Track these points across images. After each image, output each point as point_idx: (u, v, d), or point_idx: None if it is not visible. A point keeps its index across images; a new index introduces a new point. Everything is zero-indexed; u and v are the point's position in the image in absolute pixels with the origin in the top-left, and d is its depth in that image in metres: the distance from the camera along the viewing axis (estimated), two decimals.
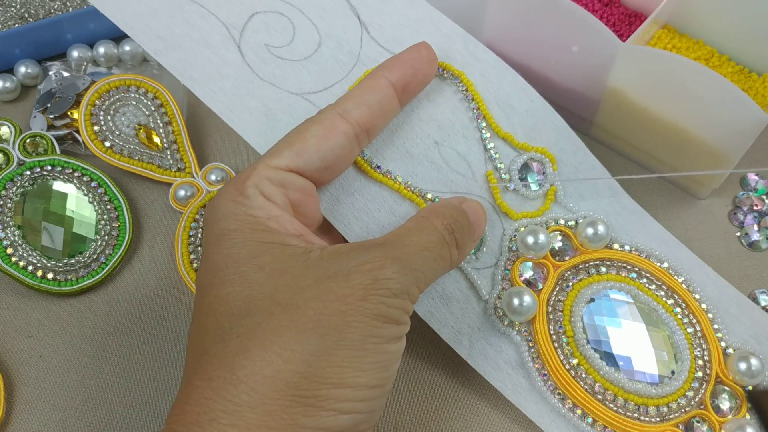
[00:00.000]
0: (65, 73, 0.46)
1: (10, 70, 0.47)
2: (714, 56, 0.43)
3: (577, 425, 0.33)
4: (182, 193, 0.42)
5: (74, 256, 0.39)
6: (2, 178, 0.40)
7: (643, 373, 0.33)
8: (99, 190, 0.41)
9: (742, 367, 0.34)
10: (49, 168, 0.41)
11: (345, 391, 0.25)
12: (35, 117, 0.44)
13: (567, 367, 0.33)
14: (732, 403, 0.33)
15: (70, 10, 0.49)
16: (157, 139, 0.43)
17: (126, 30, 0.35)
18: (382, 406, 0.27)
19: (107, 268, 0.39)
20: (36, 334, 0.38)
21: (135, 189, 0.43)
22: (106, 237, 0.40)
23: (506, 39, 0.42)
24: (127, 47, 0.48)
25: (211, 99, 0.34)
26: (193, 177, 0.43)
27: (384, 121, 0.32)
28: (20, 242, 0.39)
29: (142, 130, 0.43)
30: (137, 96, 0.43)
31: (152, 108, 0.43)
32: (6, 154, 0.41)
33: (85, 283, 0.39)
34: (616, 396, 0.33)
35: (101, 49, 0.48)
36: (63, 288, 0.39)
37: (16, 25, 0.48)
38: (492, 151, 0.36)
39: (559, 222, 0.37)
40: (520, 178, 0.36)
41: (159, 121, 0.43)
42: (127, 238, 0.40)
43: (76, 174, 0.41)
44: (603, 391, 0.33)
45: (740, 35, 0.42)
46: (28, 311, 0.39)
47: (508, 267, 0.35)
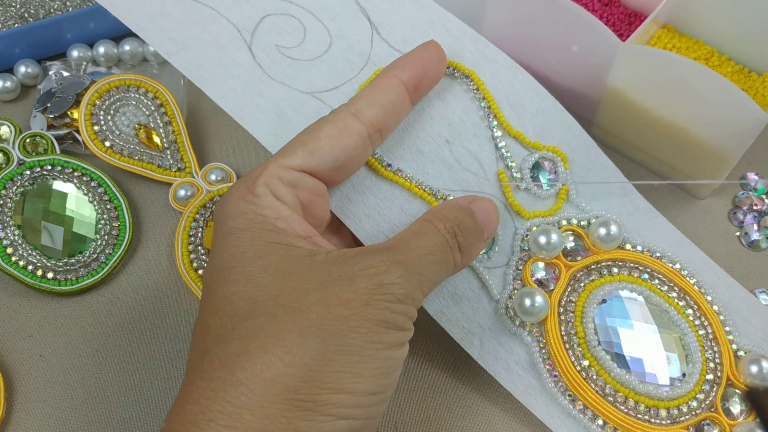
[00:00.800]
0: (65, 73, 0.46)
1: (10, 70, 0.47)
2: (714, 56, 0.43)
3: (588, 427, 0.33)
4: (182, 192, 0.42)
5: (74, 256, 0.39)
6: (2, 178, 0.40)
7: (654, 375, 0.33)
8: (99, 190, 0.41)
9: (753, 370, 0.33)
10: (49, 168, 0.41)
11: (344, 397, 0.24)
12: (35, 117, 0.44)
13: (578, 368, 0.33)
14: (743, 407, 0.33)
15: (70, 9, 0.49)
16: (157, 139, 0.43)
17: (138, 32, 0.35)
18: (382, 412, 0.27)
19: (107, 268, 0.39)
20: (36, 334, 0.38)
21: (135, 189, 0.43)
22: (106, 237, 0.40)
23: (506, 39, 0.42)
24: (127, 47, 0.48)
25: (223, 99, 0.34)
26: (193, 177, 0.43)
27: (396, 120, 0.32)
28: (20, 242, 0.39)
29: (142, 130, 0.43)
30: (137, 96, 0.43)
31: (152, 108, 0.43)
32: (6, 154, 0.41)
33: (85, 283, 0.39)
34: (627, 398, 0.33)
35: (101, 49, 0.48)
36: (63, 287, 0.38)
37: (16, 25, 0.48)
38: (503, 150, 0.36)
39: (572, 222, 0.36)
40: (531, 177, 0.36)
41: (159, 121, 0.43)
42: (127, 237, 0.40)
43: (76, 174, 0.41)
44: (614, 392, 0.33)
45: (740, 35, 0.42)
46: (28, 311, 0.39)
47: (520, 267, 0.35)
